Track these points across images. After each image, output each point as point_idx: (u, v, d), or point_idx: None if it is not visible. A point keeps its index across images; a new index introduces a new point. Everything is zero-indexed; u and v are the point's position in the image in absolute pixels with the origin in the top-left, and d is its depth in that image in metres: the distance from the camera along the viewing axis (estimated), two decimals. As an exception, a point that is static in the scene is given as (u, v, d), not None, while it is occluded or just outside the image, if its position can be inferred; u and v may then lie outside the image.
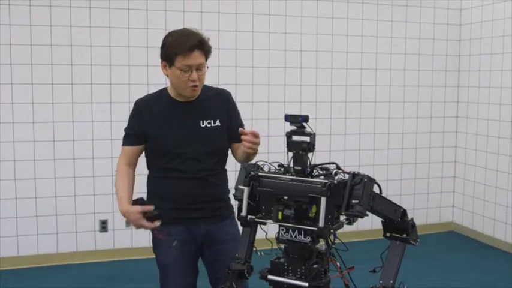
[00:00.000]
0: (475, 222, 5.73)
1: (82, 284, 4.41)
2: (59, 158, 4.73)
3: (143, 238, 4.93)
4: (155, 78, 4.89)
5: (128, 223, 2.63)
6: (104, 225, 4.89)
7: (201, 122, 2.51)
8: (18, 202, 4.67)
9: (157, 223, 2.39)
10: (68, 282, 4.43)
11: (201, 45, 2.42)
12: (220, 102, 2.59)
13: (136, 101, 2.64)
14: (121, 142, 5.06)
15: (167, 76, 2.53)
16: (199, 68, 2.43)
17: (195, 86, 2.44)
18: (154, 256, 2.64)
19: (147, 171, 2.66)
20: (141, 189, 2.66)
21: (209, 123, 2.52)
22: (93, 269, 4.72)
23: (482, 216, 5.62)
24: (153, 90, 5.08)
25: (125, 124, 5.17)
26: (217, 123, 2.54)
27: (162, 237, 2.50)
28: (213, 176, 2.51)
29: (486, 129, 5.54)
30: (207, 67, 2.49)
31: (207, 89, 2.61)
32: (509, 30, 5.21)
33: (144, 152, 2.62)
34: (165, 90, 2.61)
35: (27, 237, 4.72)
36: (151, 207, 2.39)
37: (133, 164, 2.61)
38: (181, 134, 2.48)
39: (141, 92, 4.80)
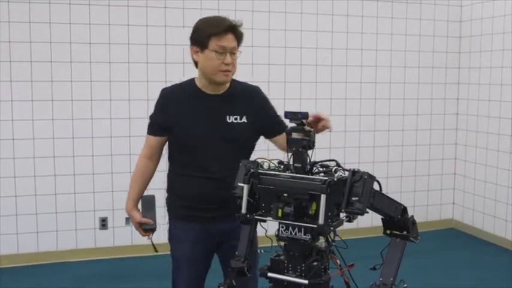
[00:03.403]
0: (475, 219, 5.73)
1: (82, 282, 4.41)
2: (59, 155, 4.73)
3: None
4: (155, 76, 4.90)
5: (128, 221, 2.66)
6: (103, 223, 4.89)
7: (228, 117, 2.44)
8: (17, 200, 4.67)
9: (151, 236, 2.58)
10: (68, 280, 4.43)
11: (234, 29, 2.39)
12: (249, 99, 2.53)
13: (163, 90, 2.57)
14: (121, 139, 5.08)
15: (196, 63, 2.45)
16: (232, 51, 2.38)
17: (228, 70, 2.39)
18: (153, 254, 2.66)
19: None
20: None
21: (236, 119, 2.45)
22: (93, 267, 4.72)
23: (482, 213, 5.62)
24: (152, 87, 5.11)
25: (124, 121, 5.18)
26: (244, 119, 2.47)
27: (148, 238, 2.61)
28: (233, 177, 2.48)
29: (486, 126, 5.53)
30: (240, 51, 2.44)
31: (236, 83, 2.55)
32: (510, 27, 5.20)
33: (167, 145, 2.57)
34: (192, 81, 2.53)
35: (27, 235, 4.72)
36: (149, 221, 2.53)
37: (154, 156, 2.59)
38: (205, 127, 2.42)
39: (141, 89, 4.86)
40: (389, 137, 5.70)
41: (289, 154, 1.93)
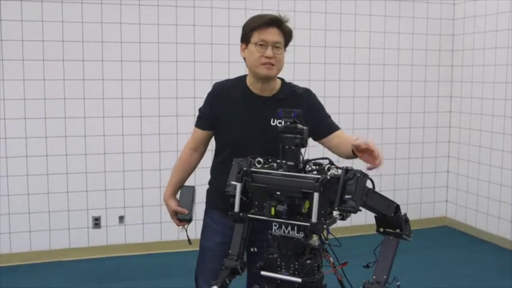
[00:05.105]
0: (468, 216, 5.75)
1: (75, 281, 4.40)
2: (52, 154, 4.71)
3: (136, 235, 4.92)
4: (148, 74, 4.88)
5: (121, 220, 2.61)
6: (96, 222, 4.87)
7: (272, 120, 2.42)
8: (10, 199, 4.64)
9: (185, 226, 2.58)
10: (61, 279, 4.41)
11: (277, 22, 2.38)
12: (297, 102, 2.45)
13: (214, 84, 2.56)
14: (115, 137, 5.05)
15: (245, 60, 2.45)
16: (275, 46, 2.37)
17: (270, 64, 2.36)
18: (146, 253, 2.65)
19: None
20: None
21: (280, 122, 2.45)
22: (86, 266, 4.70)
23: (475, 210, 5.64)
24: (145, 85, 5.09)
25: (118, 120, 5.15)
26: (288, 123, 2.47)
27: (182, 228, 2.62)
28: None
29: (479, 124, 5.55)
30: (285, 49, 2.42)
31: (286, 87, 2.53)
32: (503, 25, 5.22)
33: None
34: (243, 78, 2.52)
35: (20, 234, 4.70)
36: (184, 211, 2.54)
37: (200, 149, 2.61)
38: (249, 128, 2.42)
39: (134, 88, 4.84)
40: (382, 134, 5.70)
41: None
